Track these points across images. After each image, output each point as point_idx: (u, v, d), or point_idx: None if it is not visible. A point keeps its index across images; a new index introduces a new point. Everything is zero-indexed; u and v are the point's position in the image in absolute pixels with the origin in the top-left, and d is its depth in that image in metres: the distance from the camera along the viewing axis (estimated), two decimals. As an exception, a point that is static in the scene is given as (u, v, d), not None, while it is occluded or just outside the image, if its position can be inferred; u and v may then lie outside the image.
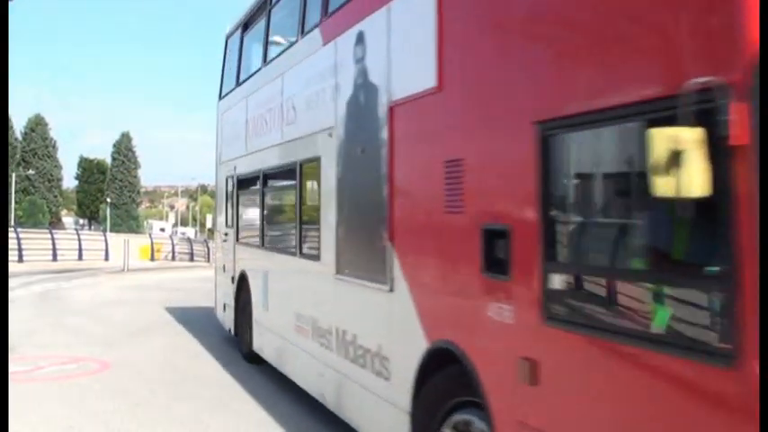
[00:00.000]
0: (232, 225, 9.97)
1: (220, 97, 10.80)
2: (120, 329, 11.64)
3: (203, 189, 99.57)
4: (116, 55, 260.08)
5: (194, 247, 44.47)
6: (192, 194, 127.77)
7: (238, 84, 9.68)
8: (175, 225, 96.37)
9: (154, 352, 9.68)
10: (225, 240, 10.46)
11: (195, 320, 12.99)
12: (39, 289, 18.58)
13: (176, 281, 23.15)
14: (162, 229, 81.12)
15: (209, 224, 78.31)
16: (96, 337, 10.86)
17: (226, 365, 8.81)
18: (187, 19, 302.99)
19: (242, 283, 9.20)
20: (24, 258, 29.05)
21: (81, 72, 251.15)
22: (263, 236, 8.44)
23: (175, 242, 44.81)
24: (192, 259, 41.84)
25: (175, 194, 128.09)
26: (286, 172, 7.49)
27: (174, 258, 40.54)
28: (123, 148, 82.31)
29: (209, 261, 40.50)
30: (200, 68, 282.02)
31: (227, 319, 10.10)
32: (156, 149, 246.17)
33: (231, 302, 9.73)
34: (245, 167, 9.16)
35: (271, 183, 8.47)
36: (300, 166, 6.83)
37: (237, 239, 9.68)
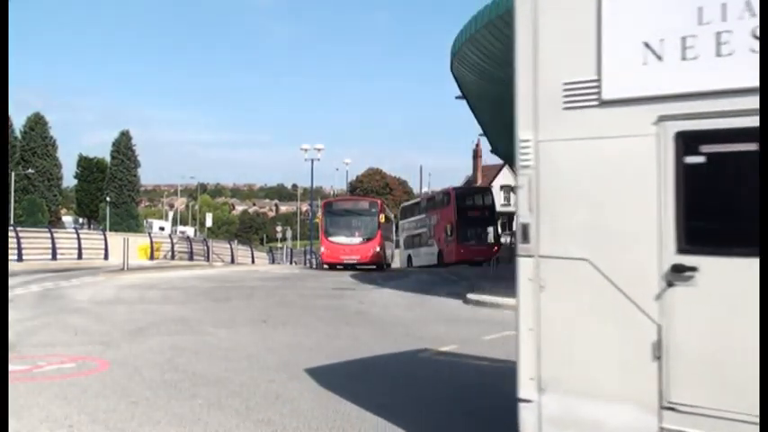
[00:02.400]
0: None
1: None
2: (119, 328, 11.62)
3: (203, 188, 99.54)
4: (116, 53, 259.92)
5: (194, 246, 44.51)
6: (191, 193, 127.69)
7: None
8: (174, 224, 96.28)
9: (153, 351, 9.65)
10: (672, 286, 4.07)
11: (194, 319, 12.98)
12: (38, 288, 18.57)
13: (176, 279, 23.14)
14: (161, 228, 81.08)
15: (208, 223, 77.69)
16: (95, 336, 10.84)
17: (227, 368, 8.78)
18: (190, 15, 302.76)
19: None
20: (23, 257, 29.05)
21: (81, 70, 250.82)
22: None
23: (175, 241, 44.81)
24: (191, 258, 41.81)
25: (175, 193, 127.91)
26: None
27: (173, 257, 40.53)
28: (123, 147, 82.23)
29: (208, 260, 40.52)
30: (201, 65, 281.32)
31: None
32: (156, 148, 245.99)
33: None
34: None
35: None
36: None
37: None
